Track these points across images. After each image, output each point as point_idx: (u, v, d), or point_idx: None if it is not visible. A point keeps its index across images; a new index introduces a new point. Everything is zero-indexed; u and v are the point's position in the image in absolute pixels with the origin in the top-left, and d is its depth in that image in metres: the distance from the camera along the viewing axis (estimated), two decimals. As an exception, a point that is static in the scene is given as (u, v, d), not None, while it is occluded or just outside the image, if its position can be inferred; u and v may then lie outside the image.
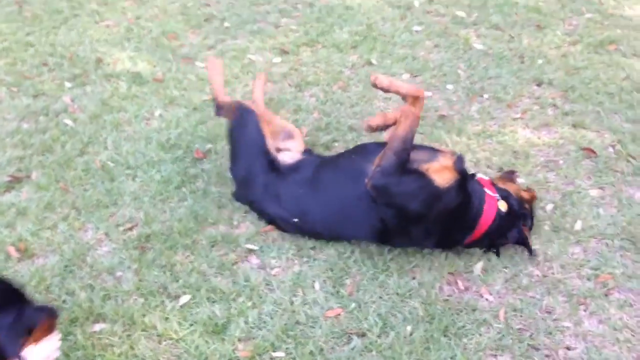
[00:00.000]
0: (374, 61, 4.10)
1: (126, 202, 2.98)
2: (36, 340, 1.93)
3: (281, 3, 4.94)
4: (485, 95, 3.72)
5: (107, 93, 3.83)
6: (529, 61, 4.05)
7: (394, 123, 2.57)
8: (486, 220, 2.54)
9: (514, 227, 2.58)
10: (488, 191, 2.59)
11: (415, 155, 2.53)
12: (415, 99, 2.57)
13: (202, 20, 4.72)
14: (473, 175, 2.67)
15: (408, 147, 2.49)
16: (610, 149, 3.22)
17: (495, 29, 4.48)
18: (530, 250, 2.60)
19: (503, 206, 2.57)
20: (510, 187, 2.70)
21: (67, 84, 3.93)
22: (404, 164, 2.47)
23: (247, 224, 2.85)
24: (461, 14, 4.67)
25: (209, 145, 3.34)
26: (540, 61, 4.03)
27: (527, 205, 2.69)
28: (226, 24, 4.64)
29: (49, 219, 2.88)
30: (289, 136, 3.05)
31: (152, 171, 3.16)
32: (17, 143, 3.39)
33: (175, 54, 4.27)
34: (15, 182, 3.10)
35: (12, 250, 2.71)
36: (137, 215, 2.90)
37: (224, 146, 3.22)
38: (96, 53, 4.27)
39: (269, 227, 2.81)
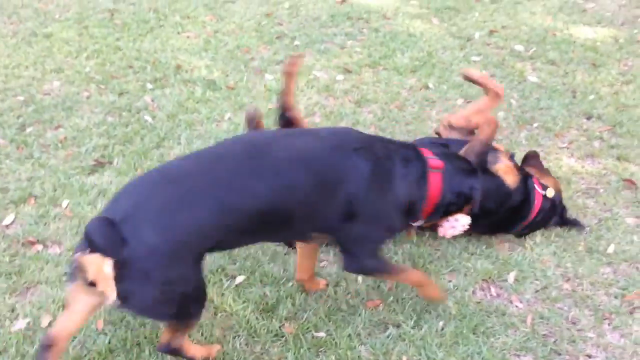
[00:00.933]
0: (431, 85, 4.35)
1: (194, 192, 3.30)
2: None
3: (348, 27, 5.27)
4: (535, 124, 3.91)
5: (183, 96, 4.21)
6: (580, 96, 4.22)
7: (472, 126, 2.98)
8: (533, 213, 2.92)
9: (554, 216, 2.98)
10: (537, 188, 2.94)
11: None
12: (496, 95, 3.03)
13: (274, 37, 5.10)
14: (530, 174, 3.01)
15: (488, 150, 2.76)
16: (652, 183, 3.36)
17: (550, 64, 4.66)
18: (577, 224, 3.01)
19: (546, 202, 2.94)
20: (550, 182, 3.03)
21: (149, 86, 4.35)
22: (483, 164, 2.76)
23: (300, 220, 3.12)
24: (519, 47, 4.88)
25: (271, 149, 3.65)
26: (591, 97, 4.19)
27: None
28: (296, 42, 5.00)
29: (127, 200, 3.23)
30: None
31: (219, 167, 3.49)
32: (102, 133, 3.79)
33: (247, 65, 4.64)
34: (98, 166, 3.49)
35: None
36: (203, 204, 3.21)
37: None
38: (176, 60, 4.69)
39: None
